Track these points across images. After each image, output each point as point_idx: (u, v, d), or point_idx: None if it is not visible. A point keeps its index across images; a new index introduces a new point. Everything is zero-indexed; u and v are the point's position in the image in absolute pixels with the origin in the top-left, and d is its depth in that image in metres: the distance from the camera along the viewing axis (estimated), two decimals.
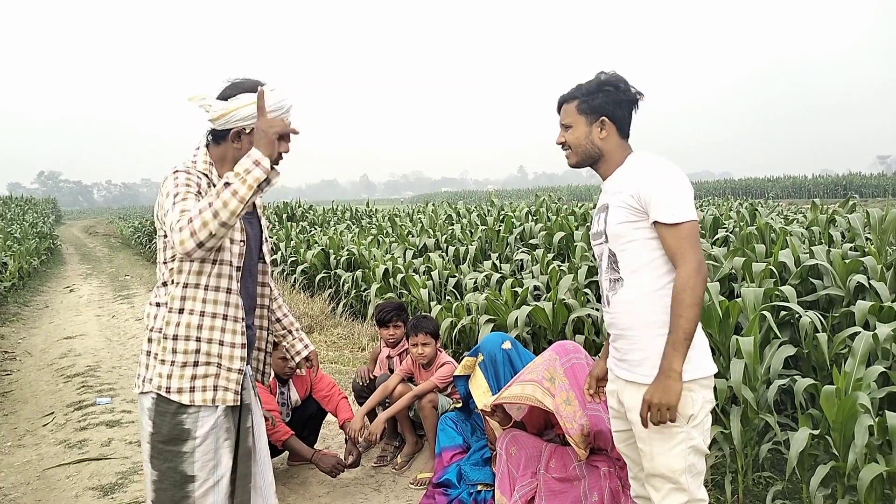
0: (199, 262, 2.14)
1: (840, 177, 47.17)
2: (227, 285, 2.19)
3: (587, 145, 2.26)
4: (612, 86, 2.22)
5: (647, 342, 2.16)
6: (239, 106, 2.13)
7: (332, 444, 4.38)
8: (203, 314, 2.15)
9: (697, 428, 2.13)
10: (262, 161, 1.97)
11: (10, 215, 25.27)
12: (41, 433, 4.87)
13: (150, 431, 2.14)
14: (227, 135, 2.19)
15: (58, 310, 10.58)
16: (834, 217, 6.31)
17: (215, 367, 2.17)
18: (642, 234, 2.14)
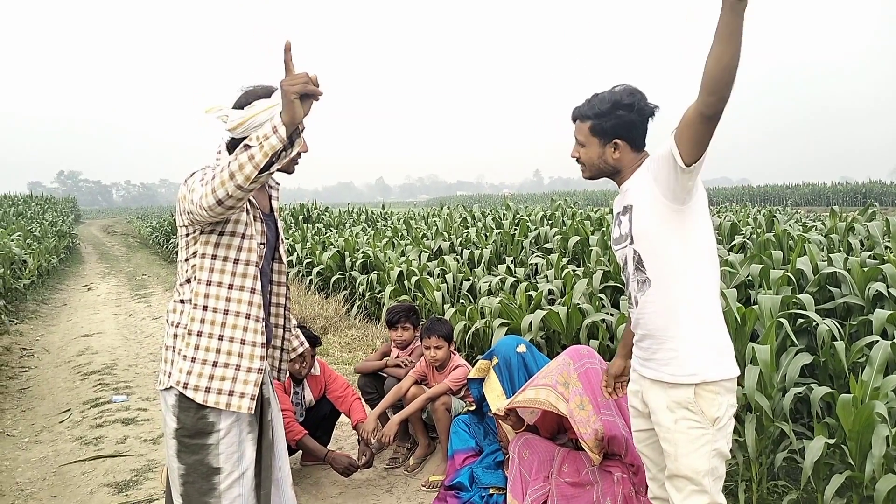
0: (222, 261, 2.18)
1: (859, 184, 46.70)
2: (252, 285, 2.22)
3: (601, 164, 2.29)
4: (624, 108, 2.21)
5: (676, 342, 2.16)
6: (255, 113, 2.15)
7: (345, 445, 4.39)
8: (227, 312, 2.18)
9: (722, 431, 2.14)
10: (279, 128, 1.91)
11: (30, 214, 25.56)
12: (58, 430, 4.92)
13: (175, 427, 2.17)
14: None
15: (76, 308, 10.69)
16: (853, 225, 6.25)
17: (233, 370, 2.18)
18: (668, 228, 2.13)
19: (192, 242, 2.20)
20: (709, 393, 2.11)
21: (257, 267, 2.25)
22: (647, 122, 2.26)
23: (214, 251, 2.18)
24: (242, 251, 2.21)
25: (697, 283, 2.15)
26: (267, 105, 2.16)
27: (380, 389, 4.29)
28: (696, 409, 2.12)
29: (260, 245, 2.27)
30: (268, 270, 2.43)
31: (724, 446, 2.16)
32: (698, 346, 2.14)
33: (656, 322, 2.20)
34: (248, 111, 2.17)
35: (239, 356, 2.19)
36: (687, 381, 2.14)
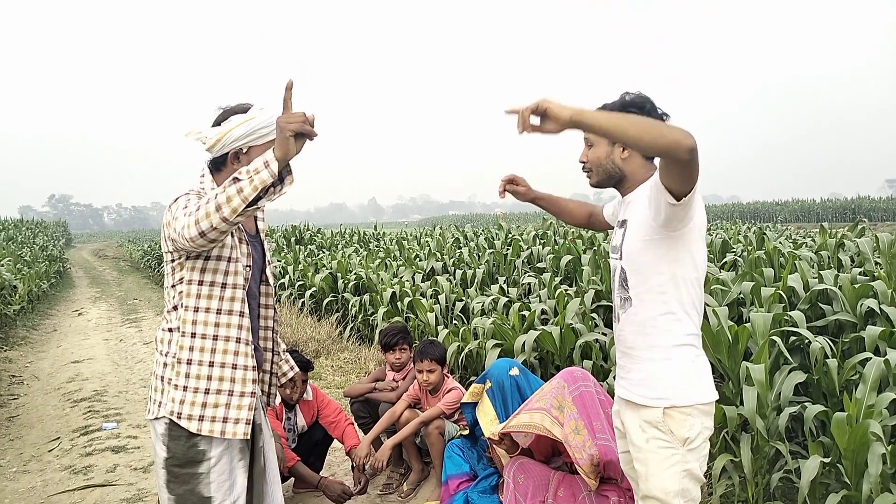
0: (209, 286, 2.16)
1: (849, 200, 47.03)
2: (240, 308, 2.21)
3: (608, 165, 2.24)
4: (636, 107, 2.17)
5: (649, 364, 2.17)
6: (231, 127, 2.17)
7: (338, 471, 4.34)
8: (216, 338, 2.17)
9: (693, 452, 2.12)
10: (271, 163, 1.91)
11: (20, 238, 25.41)
12: (46, 459, 4.85)
13: (165, 457, 2.15)
14: (226, 160, 2.23)
15: (66, 333, 10.60)
16: (843, 241, 6.28)
17: (226, 396, 2.17)
18: (656, 252, 2.11)
19: (177, 268, 2.18)
20: (679, 414, 2.10)
21: (244, 290, 2.24)
22: None
23: (201, 276, 2.16)
24: (229, 275, 2.20)
25: (679, 310, 2.13)
26: (242, 119, 2.18)
27: (373, 414, 4.25)
28: (665, 428, 2.11)
29: (246, 268, 2.27)
30: (256, 293, 2.41)
31: (697, 468, 2.14)
32: (670, 370, 2.13)
33: (633, 341, 2.21)
34: (224, 126, 2.19)
35: (231, 381, 2.18)
36: (654, 405, 2.14)
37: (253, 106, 2.24)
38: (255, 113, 2.21)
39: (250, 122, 2.18)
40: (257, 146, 2.20)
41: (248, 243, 2.31)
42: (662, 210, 2.00)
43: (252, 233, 2.39)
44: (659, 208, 2.01)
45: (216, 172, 2.27)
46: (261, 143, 2.21)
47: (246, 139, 2.18)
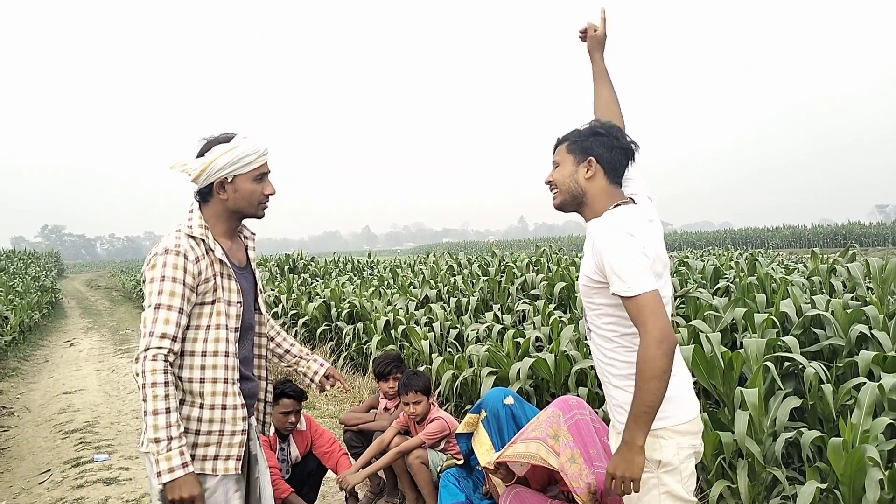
0: (194, 329, 2.19)
1: (839, 226, 47.43)
2: (225, 349, 2.22)
3: (571, 184, 2.24)
4: (604, 132, 2.23)
5: (614, 390, 2.21)
6: (215, 157, 2.20)
7: (333, 502, 4.30)
8: (203, 381, 2.18)
9: (671, 474, 2.10)
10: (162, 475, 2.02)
11: (12, 269, 25.34)
12: (37, 491, 4.79)
13: (160, 488, 2.13)
14: (212, 190, 2.25)
15: (57, 364, 10.51)
16: (834, 267, 6.32)
17: (217, 436, 2.19)
18: (601, 300, 2.16)
19: None
20: (650, 438, 2.08)
21: (233, 331, 2.26)
22: (625, 153, 2.24)
23: (186, 322, 2.17)
24: (213, 316, 2.21)
25: (632, 343, 2.12)
26: (226, 149, 2.20)
27: (366, 443, 4.22)
28: None
29: (238, 304, 2.29)
30: (251, 324, 2.42)
31: (679, 489, 2.11)
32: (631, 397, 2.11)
33: (601, 369, 2.25)
34: (207, 157, 2.21)
35: (221, 422, 2.19)
36: (621, 430, 2.13)
37: (237, 135, 2.27)
38: (239, 142, 2.23)
39: (234, 151, 2.20)
40: (242, 174, 2.24)
41: (236, 278, 2.32)
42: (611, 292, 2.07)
43: (242, 265, 2.40)
44: (610, 287, 2.06)
45: (204, 204, 2.29)
46: (245, 171, 2.24)
47: (230, 168, 2.21)
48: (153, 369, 2.03)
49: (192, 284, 2.15)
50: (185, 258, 2.14)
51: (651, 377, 1.94)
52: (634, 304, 1.99)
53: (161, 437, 2.01)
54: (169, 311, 2.09)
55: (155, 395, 2.01)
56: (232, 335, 2.25)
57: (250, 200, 2.29)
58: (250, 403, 2.37)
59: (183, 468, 2.02)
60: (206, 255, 2.22)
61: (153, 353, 2.04)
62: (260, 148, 2.25)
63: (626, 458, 2.00)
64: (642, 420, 1.97)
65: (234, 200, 2.26)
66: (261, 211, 2.34)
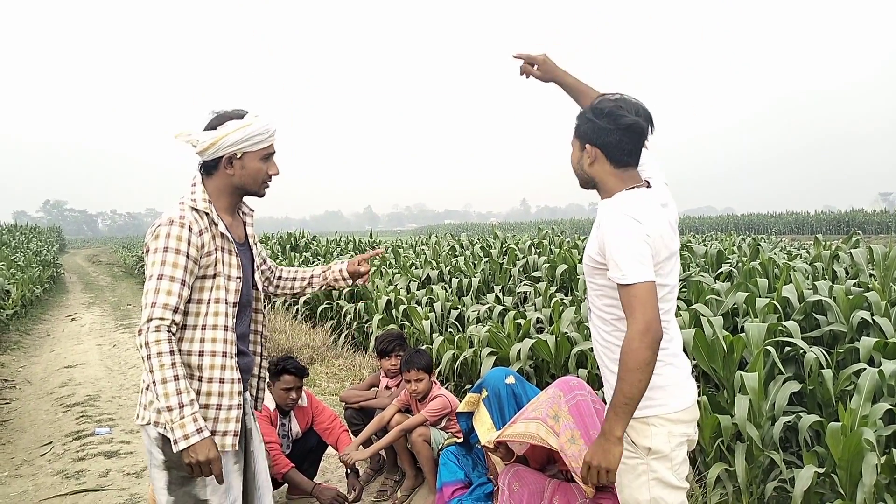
0: (196, 303, 2.19)
1: (843, 213, 47.25)
2: (224, 322, 2.22)
3: (578, 170, 2.24)
4: (596, 113, 2.13)
5: (609, 374, 2.19)
6: (228, 132, 2.19)
7: (332, 478, 4.33)
8: (202, 354, 2.19)
9: (661, 461, 2.10)
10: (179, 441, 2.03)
11: (14, 243, 25.35)
12: (38, 463, 4.82)
13: (163, 459, 2.17)
14: (218, 164, 2.25)
15: (59, 338, 10.55)
16: (837, 253, 6.31)
17: (214, 410, 2.19)
18: (601, 281, 2.15)
19: None
20: (639, 424, 2.09)
21: (232, 305, 2.26)
22: (626, 135, 2.11)
23: (188, 294, 2.17)
24: (213, 290, 2.21)
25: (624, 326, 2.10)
26: (239, 125, 2.20)
27: (367, 420, 4.24)
28: (627, 439, 2.10)
29: (237, 279, 2.29)
30: (249, 300, 2.42)
31: (669, 476, 2.11)
32: None
33: (599, 352, 2.25)
34: (220, 131, 2.20)
35: (219, 395, 2.20)
36: None
37: (248, 113, 2.26)
38: (252, 119, 2.23)
39: (246, 129, 2.20)
40: (251, 152, 2.24)
41: (238, 254, 2.32)
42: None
43: (241, 241, 2.40)
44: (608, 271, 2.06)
45: (207, 176, 2.29)
46: (254, 149, 2.24)
47: (241, 145, 2.21)
48: (157, 339, 2.03)
49: (195, 257, 2.15)
50: (190, 230, 2.14)
51: (632, 368, 1.92)
52: (627, 293, 1.98)
53: (173, 405, 2.01)
54: (171, 282, 2.09)
55: (162, 363, 2.02)
56: (231, 310, 2.25)
57: (256, 178, 2.29)
58: (245, 378, 2.37)
59: (198, 433, 2.03)
60: (210, 228, 2.23)
61: (156, 324, 2.04)
62: (271, 128, 2.26)
63: (604, 447, 1.98)
64: (622, 411, 1.95)
65: (240, 177, 2.27)
66: (263, 190, 2.35)
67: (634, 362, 1.92)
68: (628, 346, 1.94)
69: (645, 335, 1.91)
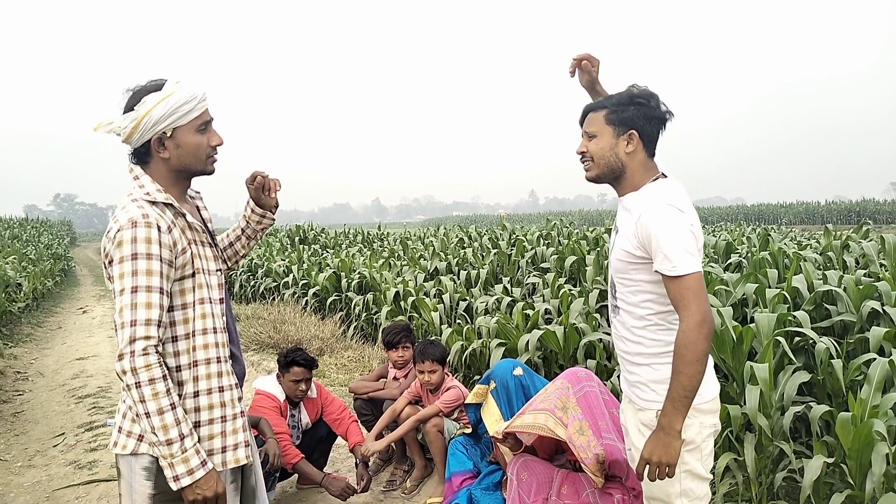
0: (181, 310, 1.93)
1: (853, 203, 46.92)
2: (213, 325, 1.98)
3: (611, 158, 2.14)
4: (644, 98, 2.12)
5: (639, 368, 2.17)
6: (148, 110, 1.89)
7: (342, 468, 4.36)
8: (196, 364, 1.94)
9: (692, 453, 2.10)
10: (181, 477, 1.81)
11: (25, 237, 25.49)
12: (51, 454, 4.87)
13: (152, 493, 1.91)
14: (149, 148, 1.95)
15: (70, 331, 10.63)
16: (848, 243, 6.27)
17: (220, 424, 1.97)
18: (639, 276, 2.11)
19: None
20: None
21: (218, 303, 2.03)
22: (662, 123, 2.15)
23: (170, 302, 1.91)
24: (196, 290, 1.96)
25: (664, 321, 2.11)
26: (159, 98, 1.90)
27: (376, 411, 4.27)
28: None
29: (217, 272, 2.06)
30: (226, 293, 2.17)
31: (699, 467, 2.12)
32: (661, 374, 2.10)
33: (625, 346, 2.21)
34: (138, 110, 1.90)
35: (221, 406, 1.98)
36: (648, 407, 2.14)
37: (167, 81, 1.95)
38: (172, 87, 1.92)
39: (168, 100, 1.90)
40: (182, 126, 1.94)
41: (209, 243, 2.07)
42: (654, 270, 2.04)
43: (203, 227, 2.09)
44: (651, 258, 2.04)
45: (144, 166, 1.99)
46: (185, 122, 1.94)
47: (168, 120, 1.91)
48: (147, 364, 1.77)
49: (168, 259, 1.86)
50: (158, 229, 1.85)
51: (692, 361, 1.92)
52: (677, 285, 1.96)
53: (173, 438, 1.79)
54: (149, 293, 1.80)
55: (155, 392, 1.77)
56: (217, 308, 2.01)
57: (197, 155, 1.99)
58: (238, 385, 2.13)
59: (203, 467, 1.83)
60: (175, 222, 1.94)
61: (142, 347, 1.78)
62: (198, 93, 1.95)
63: (664, 442, 1.98)
64: (681, 404, 1.95)
65: (177, 157, 1.96)
66: (210, 165, 2.03)
67: (694, 354, 1.92)
68: (686, 339, 1.93)
69: (702, 326, 1.92)
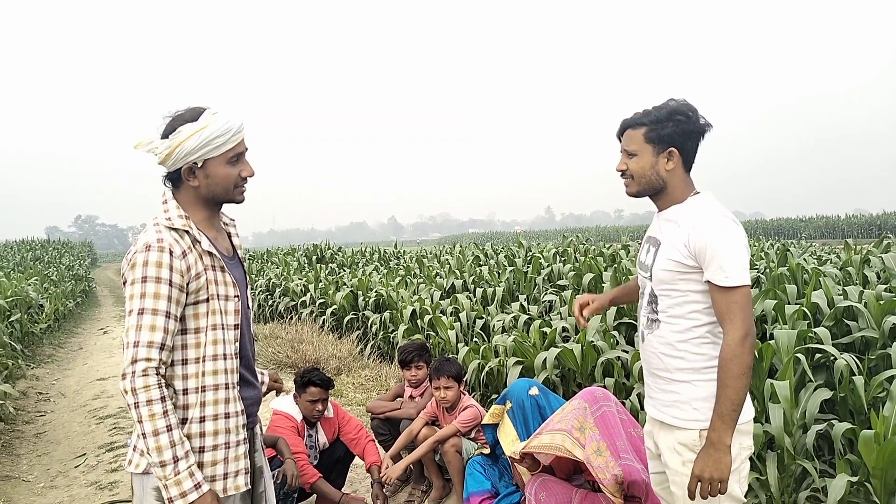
0: (193, 334, 1.96)
1: (874, 216, 46.39)
2: (224, 351, 2.00)
3: (652, 176, 2.14)
4: (683, 115, 2.12)
5: (678, 385, 2.12)
6: (182, 140, 1.92)
7: (360, 488, 4.35)
8: (205, 389, 1.96)
9: (733, 475, 2.06)
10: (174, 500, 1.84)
11: (47, 258, 25.82)
12: (73, 474, 4.91)
13: None
14: (180, 175, 1.99)
15: (91, 351, 10.73)
16: (868, 257, 6.20)
17: (223, 450, 1.98)
18: (687, 287, 2.08)
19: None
20: None
21: (232, 329, 2.04)
22: (701, 136, 2.15)
23: (182, 325, 1.95)
24: (209, 316, 1.98)
25: (709, 333, 2.09)
26: (193, 130, 1.93)
27: (393, 431, 4.27)
28: None
29: (235, 298, 2.06)
30: (248, 319, 2.18)
31: (737, 489, 2.08)
32: (704, 391, 2.07)
33: (662, 362, 2.16)
34: (173, 139, 1.94)
35: (227, 432, 1.99)
36: (689, 427, 2.10)
37: (206, 111, 1.98)
38: (208, 119, 1.95)
39: (202, 133, 1.93)
40: (213, 158, 1.97)
41: (230, 265, 2.08)
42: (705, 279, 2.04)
43: (229, 254, 2.15)
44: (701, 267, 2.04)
45: (175, 190, 2.04)
46: (217, 154, 1.97)
47: (200, 152, 1.94)
48: (146, 385, 1.82)
49: (179, 284, 1.90)
50: (171, 254, 1.89)
51: (738, 374, 1.93)
52: (727, 297, 1.97)
53: (167, 460, 1.82)
54: (155, 315, 1.85)
55: (152, 413, 1.81)
56: (231, 334, 2.03)
57: (225, 186, 2.02)
58: (253, 412, 2.15)
59: (196, 490, 1.85)
60: (193, 247, 1.97)
61: (143, 368, 1.83)
62: (233, 126, 1.97)
63: (715, 458, 1.97)
64: (729, 418, 1.95)
65: (206, 187, 2.00)
66: (239, 195, 2.07)
67: (739, 367, 1.94)
68: (731, 353, 1.94)
69: (746, 340, 1.95)
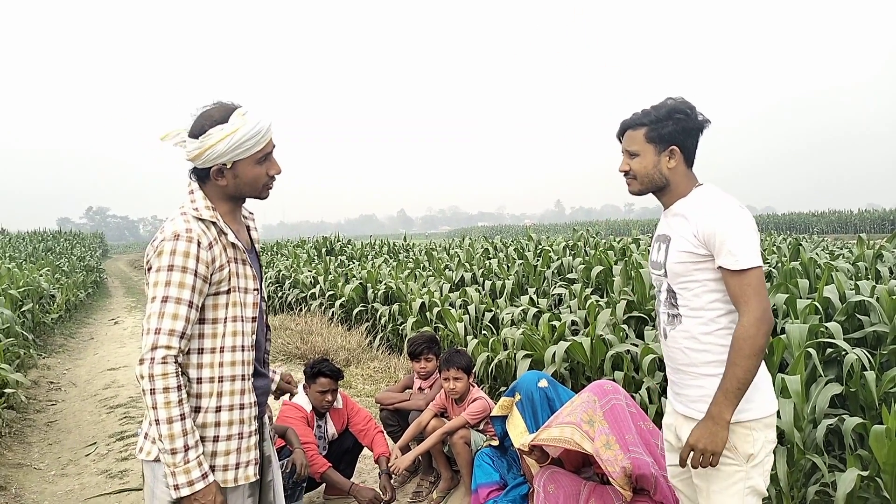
0: (211, 324, 1.99)
1: (887, 211, 46.00)
2: (242, 342, 2.02)
3: (654, 175, 2.18)
4: (682, 113, 2.14)
5: (705, 380, 2.12)
6: (212, 143, 1.94)
7: (369, 479, 4.37)
8: (222, 380, 1.98)
9: (757, 468, 2.07)
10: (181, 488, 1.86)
11: (59, 249, 25.98)
12: (84, 463, 4.95)
13: (172, 500, 1.95)
14: (209, 173, 2.01)
15: (102, 341, 10.81)
16: (881, 252, 6.15)
17: (236, 440, 2.01)
18: (704, 276, 2.08)
19: None
20: (743, 430, 2.05)
21: (250, 321, 2.06)
22: (700, 133, 2.18)
23: (201, 315, 1.97)
24: (229, 307, 2.00)
25: (732, 323, 2.08)
26: (224, 134, 1.94)
27: (401, 422, 4.28)
28: (729, 445, 2.05)
29: (255, 291, 2.08)
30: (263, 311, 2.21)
31: (760, 483, 2.09)
32: None
33: (688, 357, 2.15)
34: (203, 141, 1.95)
35: (240, 423, 2.01)
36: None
37: (235, 111, 1.98)
38: (238, 123, 1.96)
39: (233, 137, 1.94)
40: (243, 160, 1.99)
41: (249, 263, 2.10)
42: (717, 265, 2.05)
43: (248, 246, 2.17)
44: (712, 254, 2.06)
45: (202, 184, 2.06)
46: (246, 156, 1.99)
47: (229, 155, 1.96)
48: (164, 373, 1.84)
49: (204, 274, 1.93)
50: (199, 245, 1.91)
51: (749, 355, 1.95)
52: (739, 280, 1.99)
53: (178, 448, 1.85)
54: (178, 304, 1.88)
55: (167, 401, 1.83)
56: (249, 326, 2.05)
57: (254, 185, 2.05)
58: (263, 401, 2.18)
59: (203, 479, 1.88)
60: (219, 239, 2.00)
61: (162, 355, 1.85)
62: (262, 127, 1.98)
63: (711, 430, 2.00)
64: (733, 395, 1.97)
65: (234, 186, 2.03)
66: (265, 192, 2.10)
67: (751, 348, 1.96)
68: (745, 333, 1.96)
69: (762, 322, 1.96)
